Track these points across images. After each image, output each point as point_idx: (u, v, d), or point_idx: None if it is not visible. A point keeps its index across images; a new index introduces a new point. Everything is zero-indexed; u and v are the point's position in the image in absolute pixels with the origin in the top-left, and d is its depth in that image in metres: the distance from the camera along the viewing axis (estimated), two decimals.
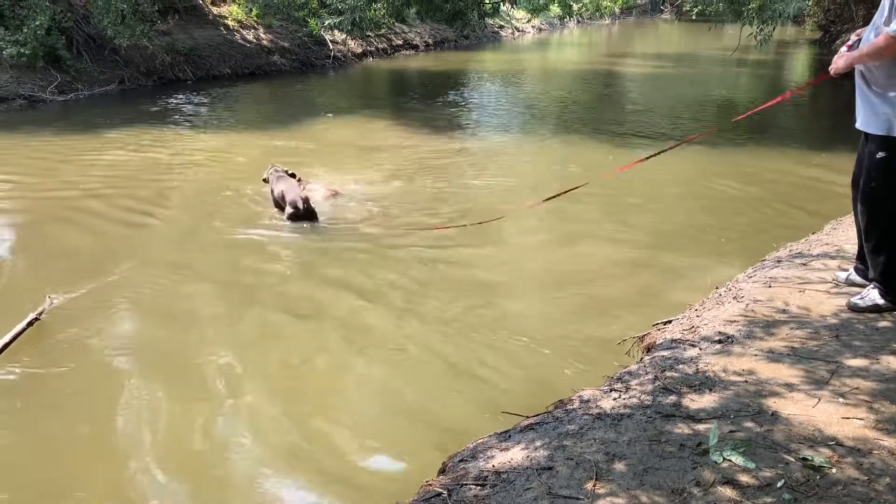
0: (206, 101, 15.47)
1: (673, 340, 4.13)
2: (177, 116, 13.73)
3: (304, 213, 7.25)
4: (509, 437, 3.24)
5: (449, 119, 14.18)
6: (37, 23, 14.37)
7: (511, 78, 20.68)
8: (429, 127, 12.94)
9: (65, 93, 14.85)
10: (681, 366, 3.64)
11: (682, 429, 2.99)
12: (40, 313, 5.32)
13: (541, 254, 6.97)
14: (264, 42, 20.19)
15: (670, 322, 4.74)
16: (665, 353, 3.92)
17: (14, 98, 14.05)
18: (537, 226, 7.61)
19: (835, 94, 15.28)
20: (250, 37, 19.99)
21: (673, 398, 3.27)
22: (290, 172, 8.04)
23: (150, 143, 11.35)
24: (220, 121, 13.60)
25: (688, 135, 11.16)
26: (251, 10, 20.25)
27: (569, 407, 3.46)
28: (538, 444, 3.04)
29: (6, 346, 4.88)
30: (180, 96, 15.64)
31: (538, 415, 3.46)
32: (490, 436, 3.32)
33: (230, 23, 19.75)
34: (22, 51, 14.17)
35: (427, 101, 16.20)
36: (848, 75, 4.10)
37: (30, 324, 5.16)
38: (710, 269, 6.26)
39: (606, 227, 7.58)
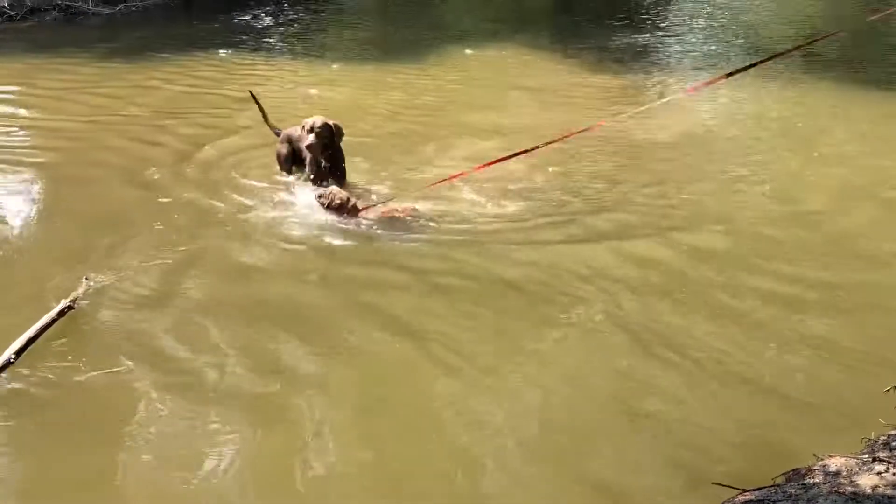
0: (292, 17, 13.22)
1: None
2: (254, 38, 11.71)
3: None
4: None
5: (621, 47, 11.42)
6: None
7: None
8: (599, 59, 10.72)
9: (112, 3, 12.46)
10: None
11: None
12: (74, 300, 4.40)
13: None
14: None
15: None
16: None
17: (47, 9, 11.83)
18: None
19: None
20: None
21: None
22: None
23: (213, 72, 9.68)
24: (308, 45, 11.53)
25: None
26: None
27: (808, 480, 2.73)
28: None
29: (32, 340, 4.00)
30: (260, 11, 13.31)
31: (761, 489, 2.75)
32: None
33: None
34: None
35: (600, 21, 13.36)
36: None
37: (61, 313, 4.26)
38: None
39: None
